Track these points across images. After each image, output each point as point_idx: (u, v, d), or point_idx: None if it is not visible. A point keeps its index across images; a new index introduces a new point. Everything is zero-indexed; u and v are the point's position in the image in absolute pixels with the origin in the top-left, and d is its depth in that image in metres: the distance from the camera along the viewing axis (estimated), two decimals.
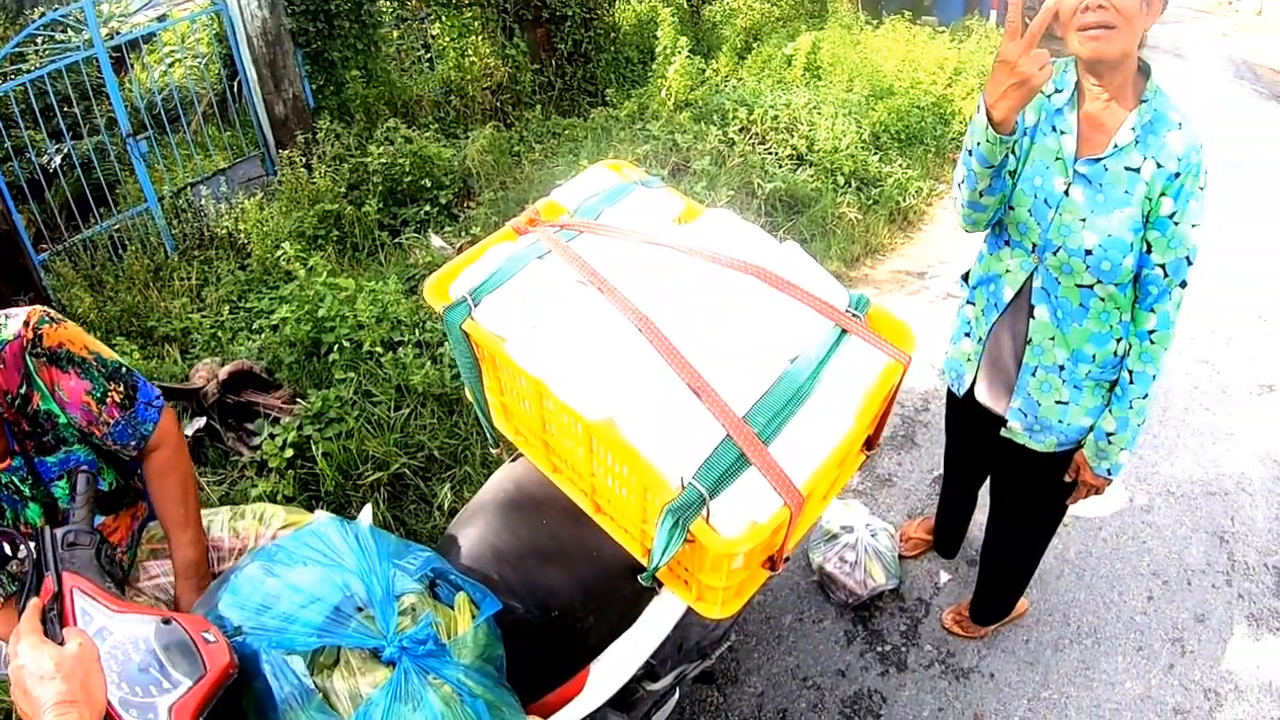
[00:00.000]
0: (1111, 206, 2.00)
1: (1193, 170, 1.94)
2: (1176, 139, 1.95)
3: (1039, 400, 2.31)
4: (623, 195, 2.00)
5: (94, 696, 1.19)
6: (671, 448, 1.50)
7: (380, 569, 1.60)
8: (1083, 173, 2.03)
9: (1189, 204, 1.96)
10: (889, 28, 8.29)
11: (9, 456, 1.65)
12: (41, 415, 1.65)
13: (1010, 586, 2.94)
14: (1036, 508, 2.63)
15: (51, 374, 1.65)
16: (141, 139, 5.34)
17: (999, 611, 3.03)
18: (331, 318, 3.99)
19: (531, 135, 6.24)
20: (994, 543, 2.84)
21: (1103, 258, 2.02)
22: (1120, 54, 1.89)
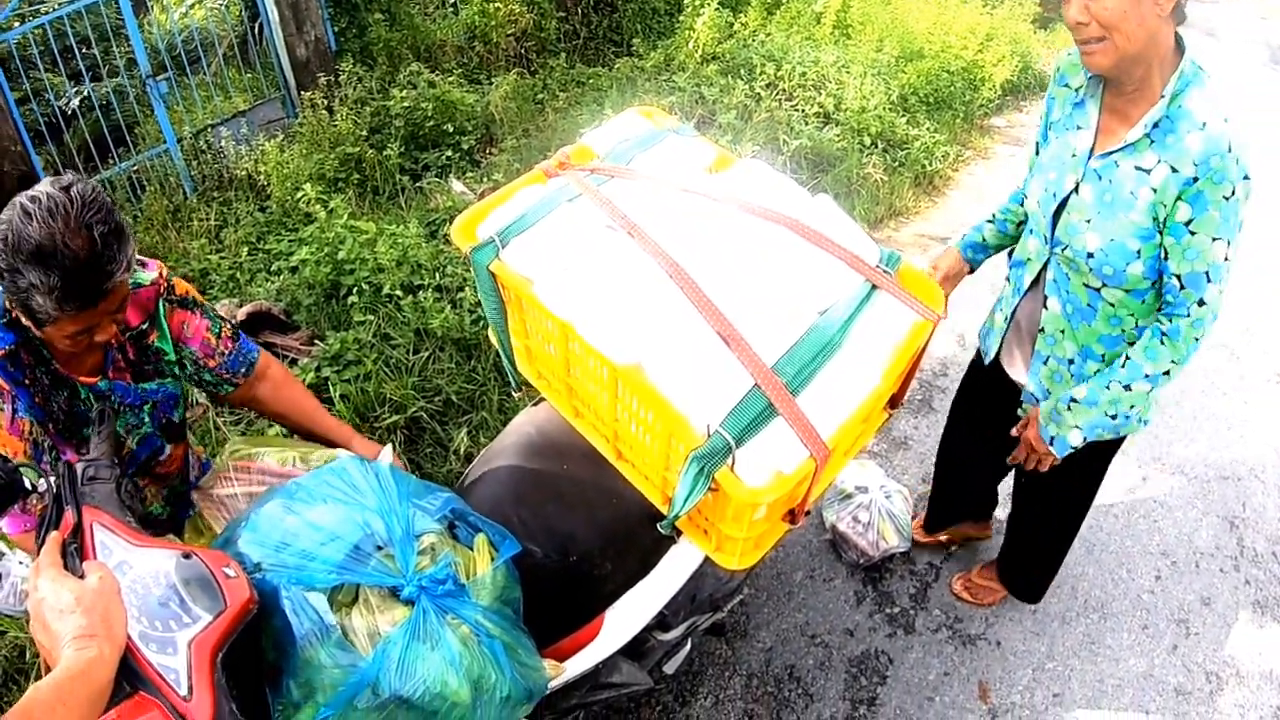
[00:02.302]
0: (1116, 209, 1.89)
1: (1214, 176, 1.76)
2: (1196, 140, 1.78)
3: (1049, 389, 2.27)
4: (655, 142, 1.97)
5: (114, 630, 1.18)
6: (699, 395, 1.49)
7: (400, 508, 1.60)
8: (1095, 168, 1.94)
9: (1209, 212, 1.79)
10: None
11: (99, 374, 1.79)
12: (152, 350, 1.86)
13: (1046, 568, 2.89)
14: (1052, 496, 2.59)
15: (181, 315, 1.89)
16: (161, 80, 5.29)
17: (1042, 587, 2.94)
18: (351, 260, 3.97)
19: (555, 83, 6.16)
20: (1019, 528, 2.81)
21: (1104, 262, 1.94)
22: (1118, 61, 1.79)
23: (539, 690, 1.67)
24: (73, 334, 1.58)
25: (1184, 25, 1.91)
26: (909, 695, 2.79)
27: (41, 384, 1.72)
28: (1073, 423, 2.09)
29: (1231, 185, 1.77)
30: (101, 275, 1.50)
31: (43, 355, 1.70)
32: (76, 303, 1.50)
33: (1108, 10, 1.72)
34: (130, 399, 1.85)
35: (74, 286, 1.48)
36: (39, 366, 1.71)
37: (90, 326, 1.59)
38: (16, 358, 1.67)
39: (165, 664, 1.25)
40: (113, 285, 1.53)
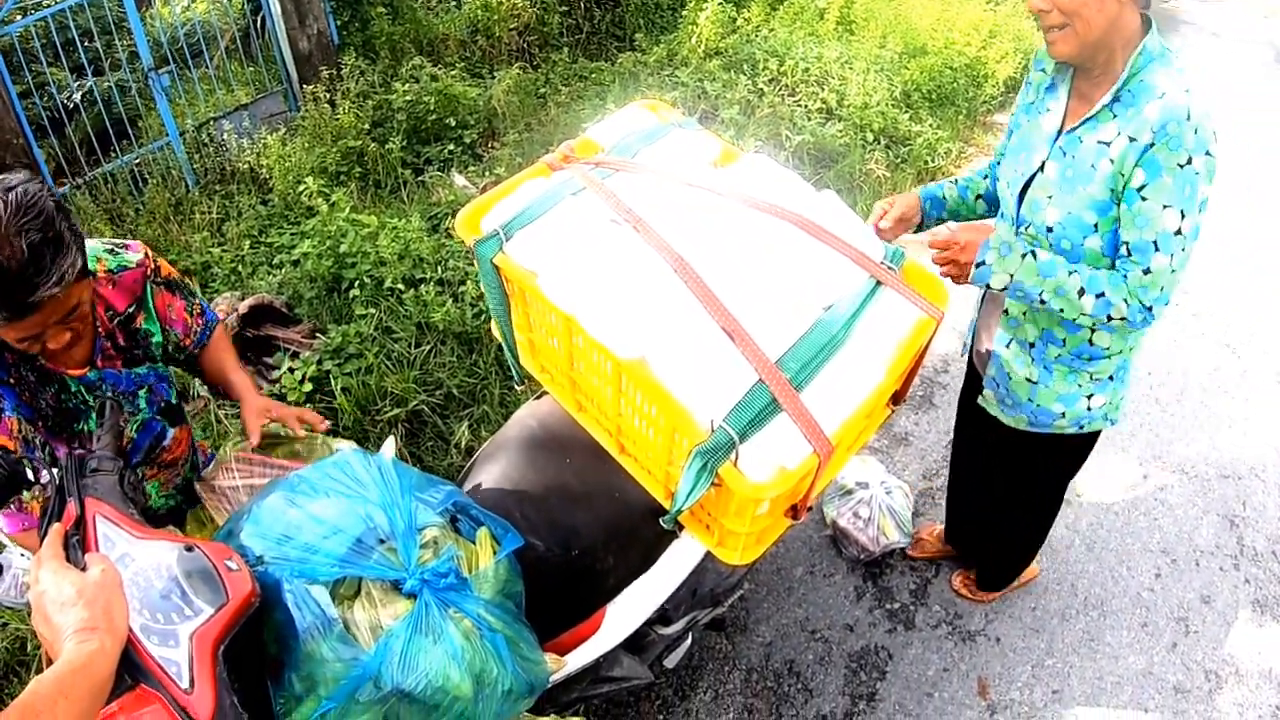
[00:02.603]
0: (1076, 183, 1.88)
1: (1170, 142, 1.72)
2: (1155, 109, 1.75)
3: (1010, 373, 2.24)
4: (659, 136, 1.97)
5: (116, 623, 1.18)
6: (703, 390, 1.49)
7: (403, 502, 1.60)
8: (1060, 145, 1.93)
9: (1161, 178, 1.75)
10: None
11: (88, 366, 1.76)
12: (140, 333, 1.85)
13: (1009, 562, 2.95)
14: (1023, 488, 2.59)
15: (166, 298, 1.90)
16: (163, 73, 5.27)
17: (1002, 579, 3.03)
18: (353, 254, 3.96)
19: (558, 78, 6.15)
20: (990, 520, 2.82)
21: (1063, 235, 1.92)
22: (1080, 48, 1.79)
23: (540, 684, 1.67)
24: (17, 340, 1.52)
25: (1189, 24, 1.89)
26: (908, 691, 2.79)
27: (27, 381, 1.68)
28: (1011, 270, 1.89)
29: (1187, 153, 1.73)
30: (28, 288, 1.41)
31: (27, 353, 1.64)
32: (8, 312, 1.42)
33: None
34: (124, 386, 1.84)
35: (4, 298, 1.40)
36: (23, 364, 1.67)
37: (35, 335, 1.53)
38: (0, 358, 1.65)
39: (167, 657, 1.25)
40: (42, 299, 1.43)
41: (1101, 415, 2.25)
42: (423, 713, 1.47)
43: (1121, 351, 2.14)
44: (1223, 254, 4.91)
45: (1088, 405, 2.21)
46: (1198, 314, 4.49)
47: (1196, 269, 4.72)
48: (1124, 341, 2.11)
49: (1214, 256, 4.85)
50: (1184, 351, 4.25)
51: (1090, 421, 2.25)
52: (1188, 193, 1.76)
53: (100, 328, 1.74)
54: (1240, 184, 5.57)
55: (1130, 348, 2.15)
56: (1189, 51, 7.43)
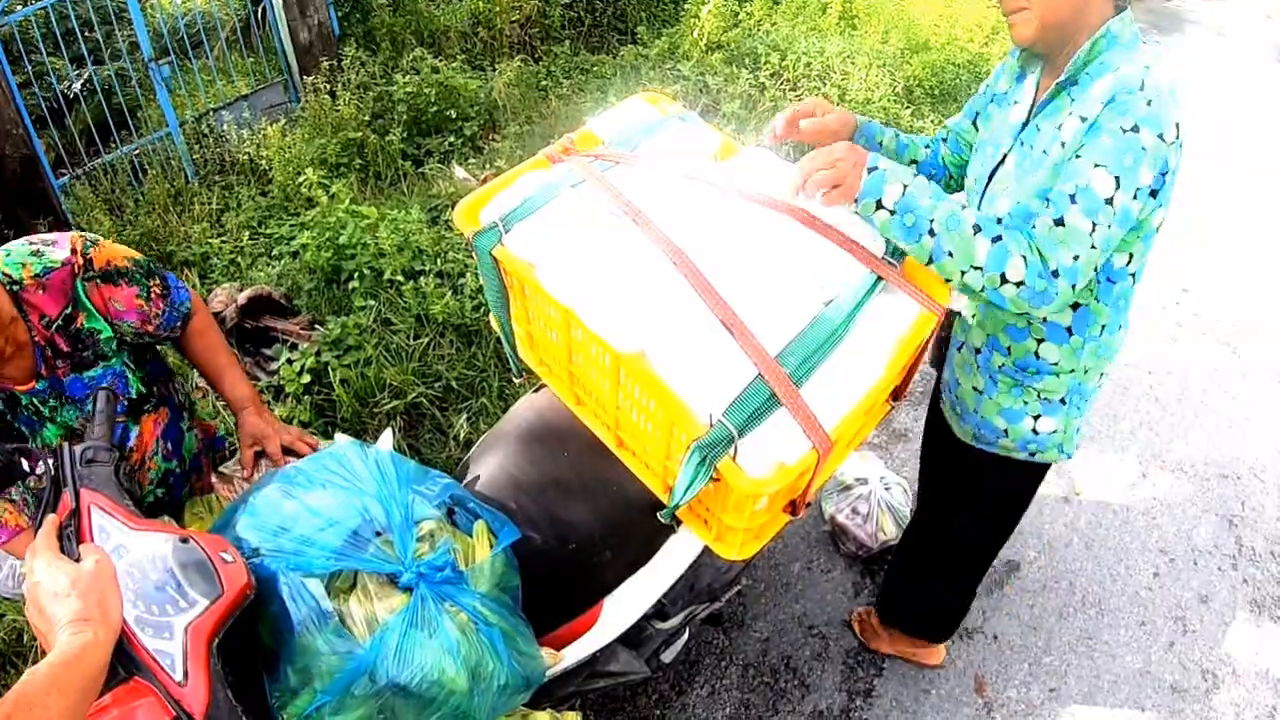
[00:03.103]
0: (1026, 172, 1.76)
1: (1117, 106, 1.57)
2: (1107, 82, 1.62)
3: (959, 379, 2.13)
4: (660, 129, 1.96)
5: (110, 614, 1.17)
6: (702, 384, 1.48)
7: (399, 494, 1.59)
8: (1021, 138, 1.83)
9: (1100, 139, 1.58)
10: None
11: (34, 379, 1.72)
12: (84, 333, 1.75)
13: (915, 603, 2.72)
14: (956, 511, 2.39)
15: (104, 291, 1.75)
16: (164, 64, 5.25)
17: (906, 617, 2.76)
18: (352, 245, 3.95)
19: (559, 70, 6.13)
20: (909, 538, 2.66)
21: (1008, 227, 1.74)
22: (1040, 33, 1.68)
23: (536, 678, 1.67)
24: None
25: (1194, 23, 1.83)
26: (905, 687, 2.79)
27: None
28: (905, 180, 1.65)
29: (1134, 120, 1.56)
30: None
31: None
32: None
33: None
34: (76, 392, 1.78)
35: None
36: None
37: None
38: None
39: (161, 649, 1.24)
40: None
41: (1054, 444, 2.07)
42: (418, 707, 1.46)
43: (1073, 371, 1.95)
44: (1223, 253, 4.90)
45: (1034, 427, 2.04)
46: (1198, 313, 4.48)
47: (1196, 268, 4.72)
48: (1075, 359, 1.93)
49: (1214, 256, 4.85)
50: (1184, 351, 4.25)
51: (1040, 449, 2.08)
52: (1128, 161, 1.56)
53: (37, 336, 1.68)
54: (1240, 183, 5.56)
55: (1085, 369, 1.96)
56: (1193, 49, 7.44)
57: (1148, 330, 4.32)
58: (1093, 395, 2.04)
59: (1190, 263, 4.71)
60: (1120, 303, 1.87)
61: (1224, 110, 6.37)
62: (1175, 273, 4.63)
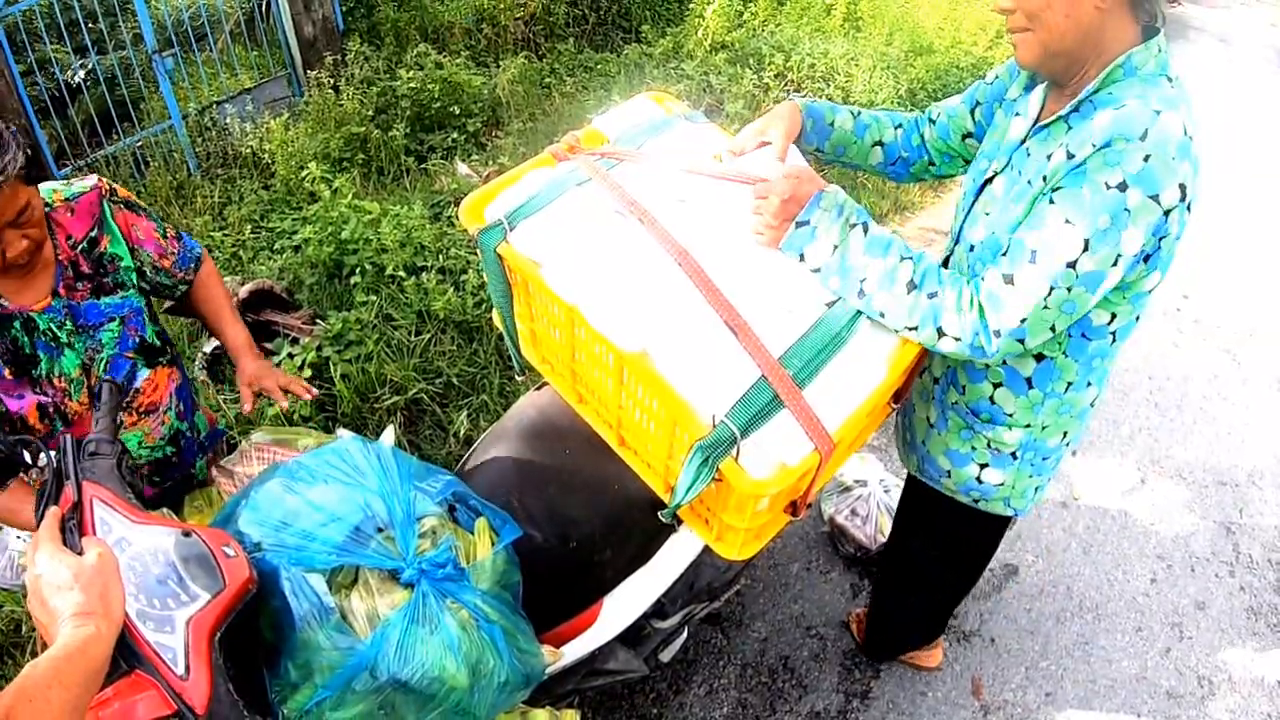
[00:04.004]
0: (1010, 201, 1.62)
1: (1109, 156, 1.40)
2: (1106, 118, 1.44)
3: (915, 405, 2.05)
4: (666, 128, 1.95)
5: (112, 608, 1.17)
6: (705, 384, 1.48)
7: (402, 490, 1.59)
8: (1012, 157, 1.68)
9: (1079, 189, 1.43)
10: None
11: (50, 296, 1.78)
12: (107, 257, 1.87)
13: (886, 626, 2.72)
14: (911, 535, 2.37)
15: (128, 217, 1.91)
16: (167, 56, 5.26)
17: (881, 644, 2.80)
18: (355, 240, 3.95)
19: (563, 68, 6.14)
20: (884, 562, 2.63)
21: (978, 258, 1.68)
22: (1043, 57, 1.53)
23: (536, 676, 1.67)
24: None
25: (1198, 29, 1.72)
26: (902, 689, 2.80)
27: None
28: (836, 240, 1.57)
29: (1123, 176, 1.39)
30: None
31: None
32: None
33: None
34: (90, 319, 1.84)
35: None
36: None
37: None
38: None
39: (163, 642, 1.24)
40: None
41: (1000, 498, 1.96)
42: (418, 703, 1.47)
43: (1029, 426, 1.83)
44: (1224, 260, 4.91)
45: (978, 475, 1.94)
46: (1199, 320, 4.49)
47: (1198, 275, 4.72)
48: (1032, 413, 1.80)
49: (1216, 262, 4.86)
50: (1184, 357, 4.26)
51: (985, 498, 1.98)
52: (1103, 223, 1.41)
53: (61, 255, 1.78)
54: (1242, 189, 5.57)
55: (1043, 426, 1.83)
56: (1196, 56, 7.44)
57: (1149, 336, 4.33)
58: (1055, 455, 1.91)
59: (1191, 269, 4.71)
60: (1094, 361, 1.73)
61: (1226, 116, 6.38)
62: (1176, 279, 4.63)
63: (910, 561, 2.41)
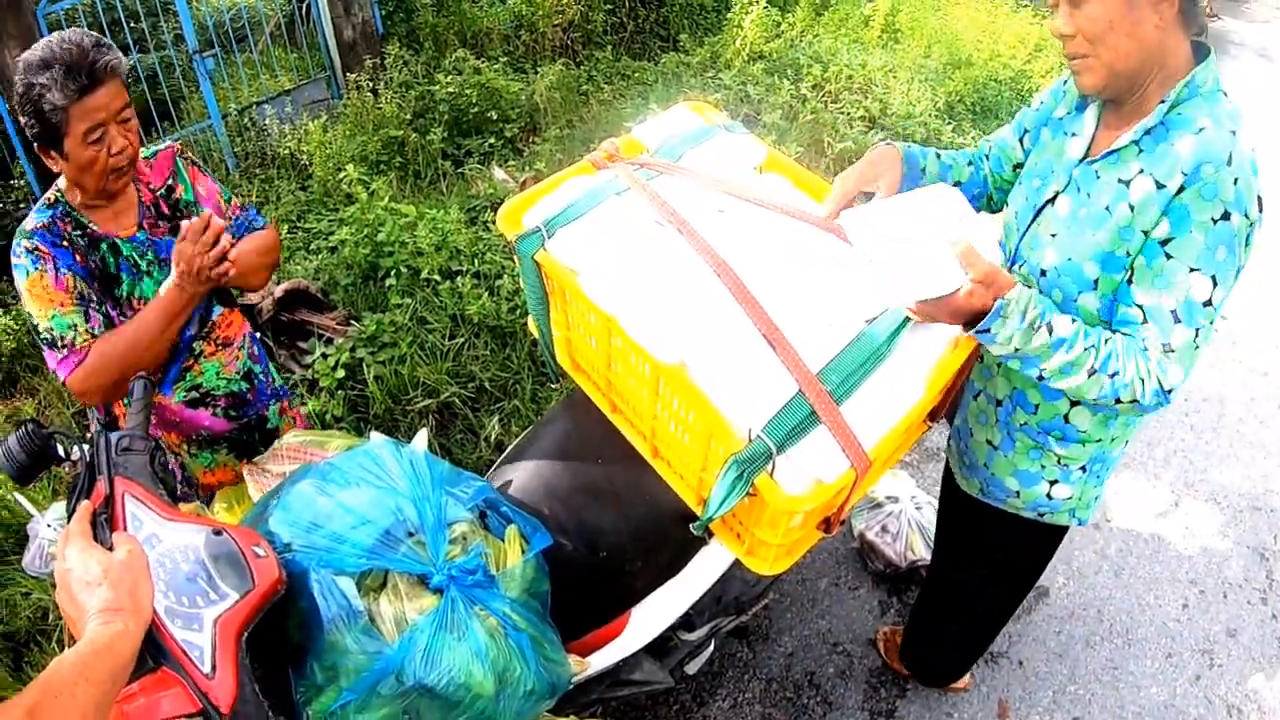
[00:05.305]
0: (1085, 225, 1.60)
1: (1204, 189, 1.43)
2: (1188, 145, 1.45)
3: (971, 429, 2.01)
4: (705, 138, 1.95)
5: (141, 604, 1.17)
6: (742, 398, 1.47)
7: (433, 495, 1.59)
8: (1077, 178, 1.65)
9: (1190, 234, 1.45)
10: None
11: (135, 228, 2.00)
12: (181, 204, 2.09)
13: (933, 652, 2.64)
14: (958, 564, 2.31)
15: (194, 174, 2.14)
16: (208, 56, 5.32)
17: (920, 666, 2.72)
18: (391, 243, 3.97)
19: (601, 75, 6.15)
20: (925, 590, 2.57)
21: (1055, 284, 1.65)
22: (1108, 80, 1.52)
23: (562, 685, 1.66)
24: (85, 136, 1.77)
25: (1239, 44, 1.68)
26: (927, 710, 2.76)
27: (79, 245, 1.91)
28: (1018, 344, 1.50)
29: (1224, 206, 1.43)
30: (94, 60, 1.74)
31: (79, 221, 1.92)
32: (78, 85, 1.73)
33: (1091, 20, 1.47)
34: (168, 253, 1.98)
35: (74, 72, 1.72)
36: (75, 230, 1.92)
37: (100, 129, 1.79)
38: (53, 228, 1.89)
39: (190, 640, 1.24)
40: (106, 66, 1.76)
41: (1067, 510, 1.95)
42: (443, 709, 1.46)
43: (1100, 440, 1.82)
44: (1262, 279, 4.83)
45: (1049, 493, 1.91)
46: (1236, 342, 4.42)
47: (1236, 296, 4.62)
48: (1105, 429, 1.80)
49: (1252, 281, 4.78)
50: (1221, 378, 4.19)
51: (1052, 512, 1.95)
52: (1221, 255, 1.46)
53: (144, 198, 2.03)
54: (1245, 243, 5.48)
55: (1112, 438, 1.84)
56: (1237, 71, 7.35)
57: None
58: (1114, 462, 1.92)
59: None
60: None
61: (1266, 132, 6.29)
62: None
63: (956, 588, 2.37)
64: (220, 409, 2.26)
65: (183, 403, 2.19)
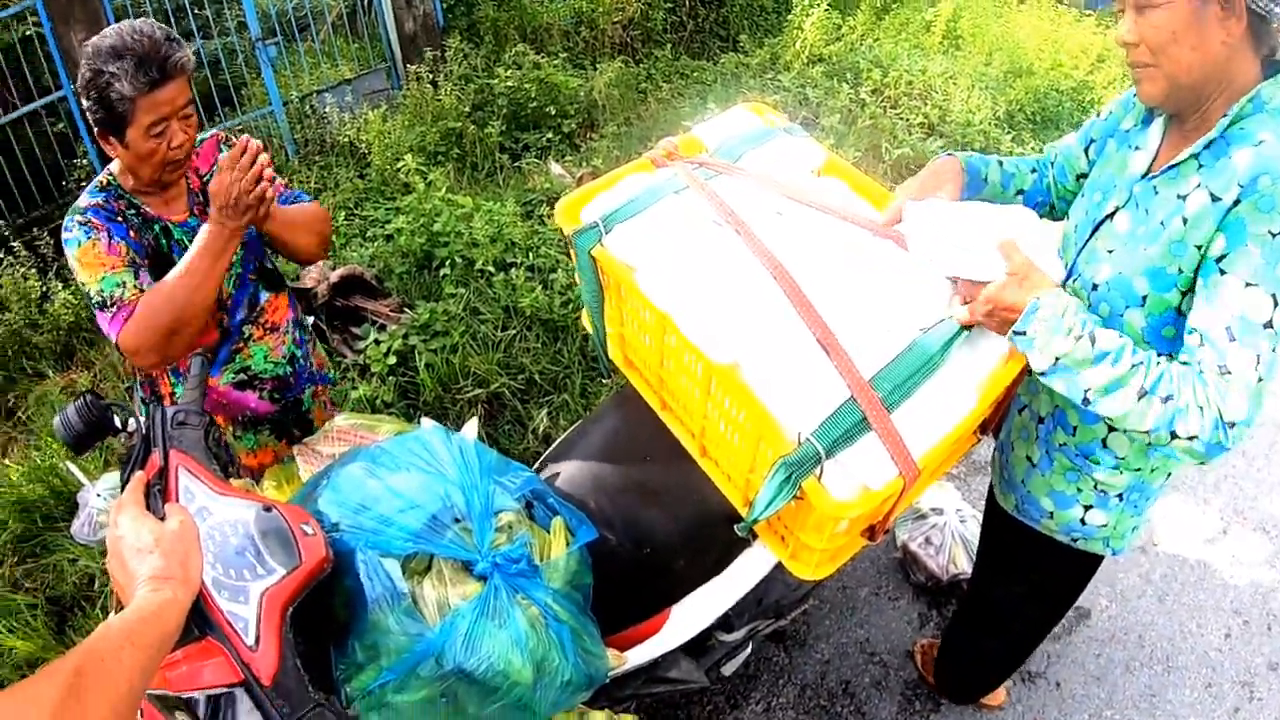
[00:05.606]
0: (1139, 240, 1.54)
1: (1260, 201, 1.36)
2: (1245, 157, 1.39)
3: (1013, 443, 1.96)
4: (764, 140, 1.94)
5: (190, 575, 1.20)
6: (793, 401, 1.46)
7: (481, 483, 1.60)
8: (1137, 194, 1.59)
9: (1245, 247, 1.38)
10: (1034, 4, 7.93)
11: (187, 213, 2.06)
12: None
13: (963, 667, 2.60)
14: (995, 579, 2.28)
15: None
16: (270, 44, 5.41)
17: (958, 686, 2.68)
18: (446, 233, 4.01)
19: (659, 74, 6.16)
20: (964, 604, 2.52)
21: (1104, 298, 1.60)
22: (1169, 92, 1.48)
23: (600, 678, 1.67)
24: (149, 128, 1.81)
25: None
26: None
27: (133, 223, 1.96)
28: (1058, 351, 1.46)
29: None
30: (166, 56, 1.78)
31: (132, 202, 1.98)
32: (148, 78, 1.76)
33: (1155, 29, 1.42)
34: None
35: (145, 65, 1.75)
36: (129, 209, 1.97)
37: (164, 123, 1.83)
38: (107, 206, 1.94)
39: (235, 612, 1.26)
40: (177, 63, 1.80)
41: (1100, 539, 1.89)
42: (480, 694, 1.47)
43: (1139, 470, 1.76)
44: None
45: (1082, 517, 1.86)
46: None
47: None
48: (1144, 457, 1.73)
49: None
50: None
51: (1085, 538, 1.90)
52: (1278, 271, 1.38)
53: (193, 184, 2.08)
54: None
55: (1152, 469, 1.76)
56: None
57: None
58: (1156, 495, 1.86)
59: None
60: None
61: None
62: None
63: (994, 604, 2.33)
64: (266, 392, 2.30)
65: (230, 385, 2.22)
